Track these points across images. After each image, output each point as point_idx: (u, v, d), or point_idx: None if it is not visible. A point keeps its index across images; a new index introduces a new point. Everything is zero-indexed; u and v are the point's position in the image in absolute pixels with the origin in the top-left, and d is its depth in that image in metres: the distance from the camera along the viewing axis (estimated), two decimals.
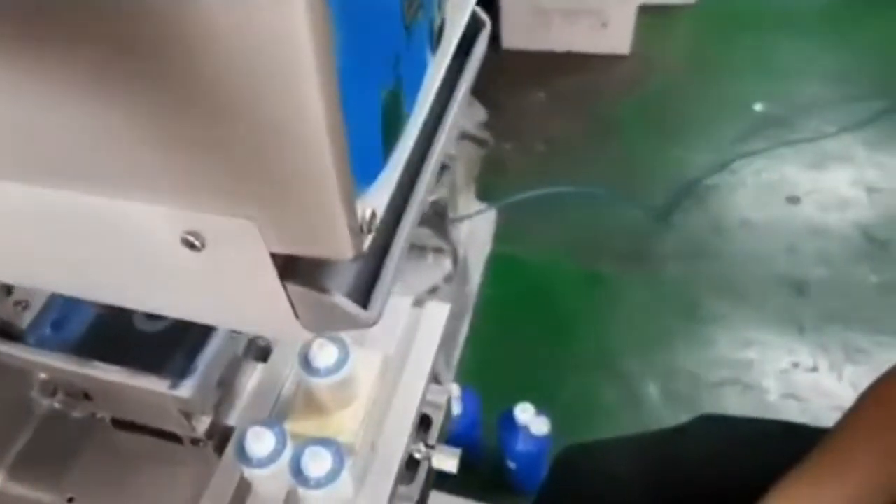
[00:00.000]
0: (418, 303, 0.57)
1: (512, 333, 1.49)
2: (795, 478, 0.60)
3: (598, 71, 1.97)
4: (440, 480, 1.23)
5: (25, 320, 0.49)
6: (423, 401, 0.55)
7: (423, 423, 0.56)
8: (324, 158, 0.19)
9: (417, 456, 0.54)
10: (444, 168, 1.21)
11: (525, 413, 1.15)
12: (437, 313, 0.56)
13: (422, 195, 0.28)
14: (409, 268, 1.24)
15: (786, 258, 1.56)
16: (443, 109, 0.32)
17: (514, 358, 1.45)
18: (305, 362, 0.48)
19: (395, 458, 0.49)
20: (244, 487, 0.49)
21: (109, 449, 0.57)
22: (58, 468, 0.57)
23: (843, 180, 1.66)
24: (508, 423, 1.18)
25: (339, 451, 0.45)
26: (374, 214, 0.22)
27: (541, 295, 1.56)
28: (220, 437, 0.53)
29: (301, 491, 0.45)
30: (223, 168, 0.20)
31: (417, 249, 1.24)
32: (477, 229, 1.59)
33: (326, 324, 0.25)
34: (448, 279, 1.24)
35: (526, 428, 1.15)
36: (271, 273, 0.22)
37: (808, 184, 1.67)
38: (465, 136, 1.23)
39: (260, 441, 0.45)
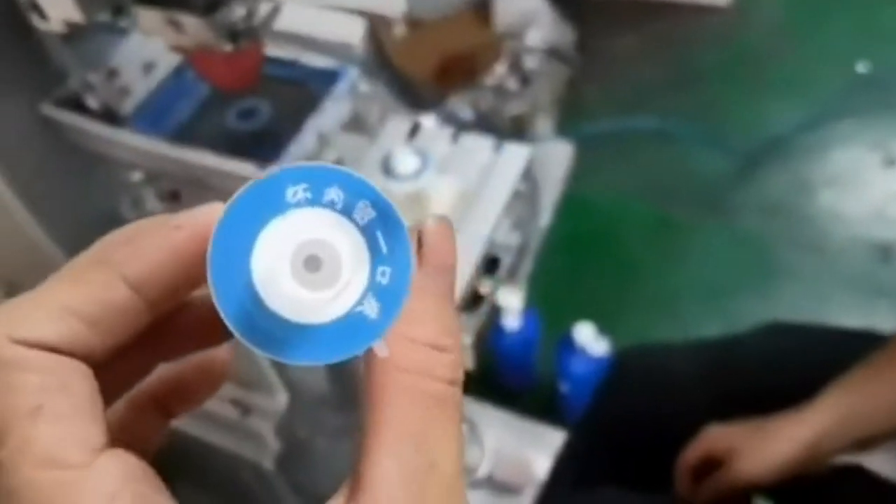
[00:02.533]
0: (499, 145, 0.57)
1: (577, 268, 1.48)
2: (863, 370, 0.58)
3: (694, 21, 1.90)
4: (490, 396, 1.24)
5: (127, 107, 0.52)
6: (493, 241, 0.56)
7: (492, 263, 0.57)
8: None
9: (483, 291, 0.54)
10: (527, 83, 1.20)
11: (584, 332, 1.14)
12: (517, 155, 0.56)
13: None
14: None
15: (873, 222, 1.49)
16: None
17: (576, 291, 1.44)
18: (387, 169, 0.49)
19: (462, 280, 0.50)
20: None
21: None
22: None
23: None
24: (566, 344, 1.17)
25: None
26: None
27: (610, 234, 1.54)
28: None
29: None
30: None
31: None
32: (551, 165, 1.57)
33: None
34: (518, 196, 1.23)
35: (584, 349, 1.15)
36: None
37: None
38: (552, 53, 1.21)
39: None
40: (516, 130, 1.22)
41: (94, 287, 0.18)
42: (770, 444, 0.60)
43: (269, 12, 0.43)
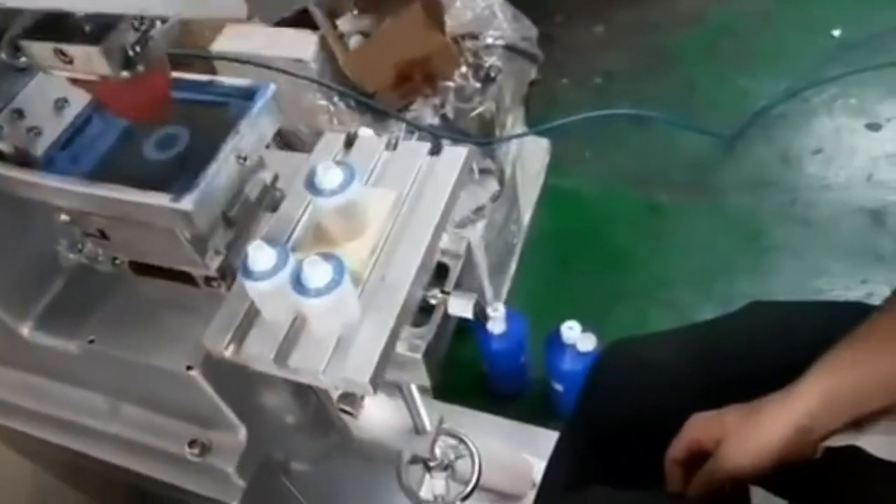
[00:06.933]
0: (436, 150, 0.55)
1: (564, 264, 1.45)
2: (849, 344, 0.55)
3: (661, 5, 1.88)
4: (485, 404, 1.21)
5: (39, 148, 0.49)
6: (437, 247, 0.53)
7: (440, 271, 0.54)
8: None
9: (433, 301, 0.52)
10: (491, 80, 1.17)
11: (571, 330, 1.11)
12: (454, 157, 0.53)
13: None
14: None
15: (863, 187, 1.46)
16: None
17: (565, 287, 1.41)
18: (311, 185, 0.46)
19: (402, 290, 0.47)
20: (252, 315, 0.48)
21: (131, 297, 0.58)
22: (82, 317, 0.58)
23: None
24: (555, 342, 1.14)
25: (340, 265, 0.43)
26: None
27: (595, 226, 1.50)
28: (233, 279, 0.52)
29: (306, 308, 0.44)
30: None
31: None
32: (529, 161, 1.54)
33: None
34: (494, 199, 1.21)
35: (573, 346, 1.12)
36: None
37: (891, 110, 1.55)
38: (513, 49, 1.19)
39: (261, 253, 0.43)
40: (484, 130, 1.19)
41: None
42: (756, 430, 0.57)
43: (162, 34, 0.41)
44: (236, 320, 0.47)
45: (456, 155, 0.53)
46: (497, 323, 1.14)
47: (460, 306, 0.51)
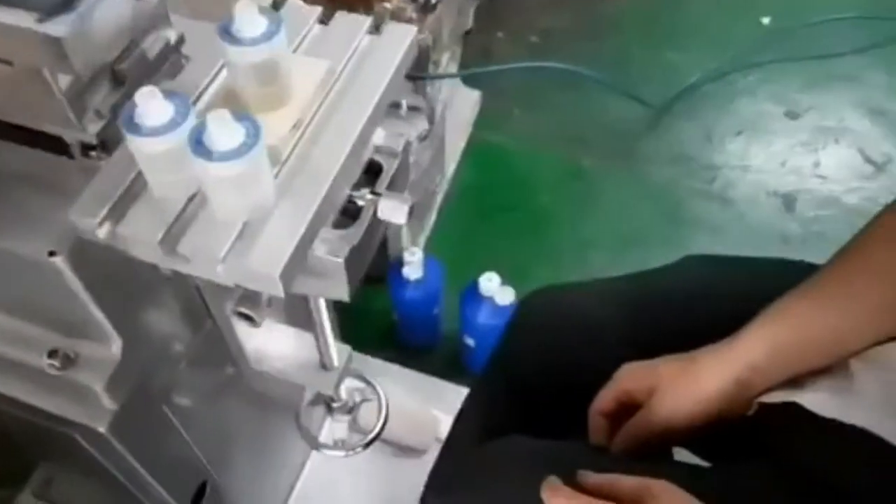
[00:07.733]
0: (379, 25, 0.46)
1: (485, 220, 1.40)
2: (796, 297, 0.52)
3: None
4: (394, 356, 1.15)
5: None
6: (370, 137, 0.45)
7: (372, 171, 0.46)
8: None
9: (361, 203, 0.44)
10: (431, 8, 1.09)
11: (490, 282, 1.06)
12: (399, 35, 0.45)
13: None
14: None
15: (777, 172, 1.48)
16: None
17: (482, 243, 1.36)
18: (226, 32, 0.37)
19: (328, 176, 0.39)
20: (137, 188, 0.38)
21: None
22: None
23: (848, 100, 1.58)
24: (472, 294, 1.09)
25: (255, 126, 0.35)
26: None
27: (519, 185, 1.46)
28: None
29: (207, 179, 0.35)
30: None
31: (391, 105, 1.13)
32: (459, 111, 1.48)
33: None
34: (422, 137, 1.13)
35: (490, 299, 1.07)
36: None
37: (810, 101, 1.59)
38: None
39: (153, 101, 0.34)
40: (418, 64, 1.11)
41: None
42: (693, 381, 0.52)
43: None
44: (117, 192, 0.38)
45: (401, 33, 0.45)
46: (413, 268, 1.08)
47: (392, 209, 0.44)
